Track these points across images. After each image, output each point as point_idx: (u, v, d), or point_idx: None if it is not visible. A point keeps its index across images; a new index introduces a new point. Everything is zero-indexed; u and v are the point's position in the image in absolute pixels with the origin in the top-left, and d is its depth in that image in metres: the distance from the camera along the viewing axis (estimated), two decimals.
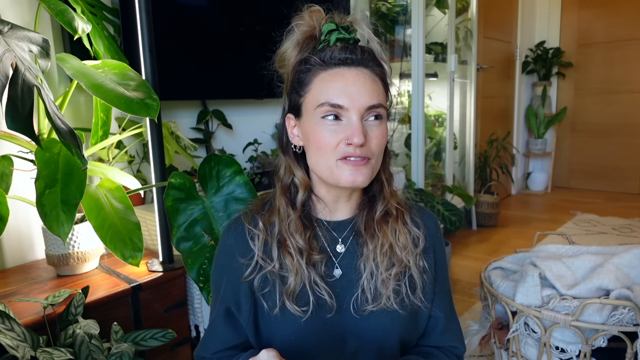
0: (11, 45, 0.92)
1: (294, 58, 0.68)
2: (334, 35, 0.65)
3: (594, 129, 4.31)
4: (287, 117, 0.71)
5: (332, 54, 0.65)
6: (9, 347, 0.86)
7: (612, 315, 1.18)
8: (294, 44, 0.68)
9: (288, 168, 0.72)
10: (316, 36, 0.67)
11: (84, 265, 1.22)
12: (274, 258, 0.69)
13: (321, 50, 0.66)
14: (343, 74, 0.64)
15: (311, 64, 0.66)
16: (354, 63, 0.65)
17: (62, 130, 0.90)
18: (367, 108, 0.64)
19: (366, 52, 0.66)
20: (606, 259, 1.35)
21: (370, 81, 0.65)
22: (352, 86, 0.63)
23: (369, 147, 0.64)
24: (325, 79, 0.65)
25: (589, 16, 4.19)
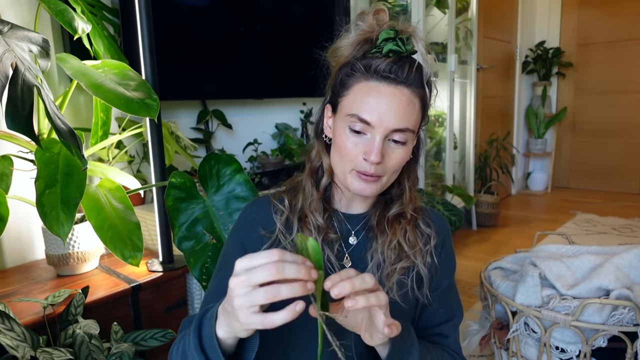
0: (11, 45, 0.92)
1: (344, 57, 0.68)
2: (388, 45, 0.64)
3: (594, 129, 4.31)
4: (327, 107, 0.73)
5: (378, 66, 0.64)
6: (9, 347, 0.86)
7: (612, 315, 1.18)
8: (349, 43, 0.68)
9: (318, 153, 0.74)
10: (372, 39, 0.66)
11: (84, 266, 1.22)
12: (293, 232, 0.71)
13: (371, 57, 0.65)
14: (381, 90, 0.63)
15: (356, 69, 0.65)
16: (395, 81, 0.63)
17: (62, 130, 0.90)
18: (392, 130, 0.64)
19: (413, 72, 0.64)
20: (606, 259, 1.35)
21: (406, 103, 0.64)
22: (385, 105, 0.63)
23: (384, 165, 0.66)
24: (364, 90, 0.65)
25: (589, 16, 4.19)
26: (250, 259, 0.47)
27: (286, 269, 0.45)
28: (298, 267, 0.45)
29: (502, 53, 3.93)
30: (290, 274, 0.45)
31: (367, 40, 0.66)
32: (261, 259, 0.46)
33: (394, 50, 0.63)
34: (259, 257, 0.46)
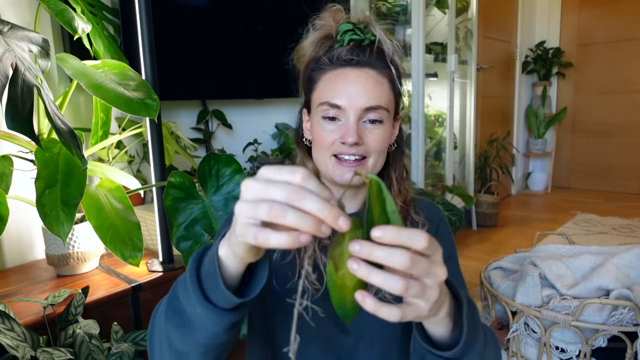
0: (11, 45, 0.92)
1: (308, 56, 0.70)
2: (347, 36, 0.66)
3: (594, 129, 4.31)
4: (303, 112, 0.74)
5: (340, 54, 0.65)
6: (9, 347, 0.86)
7: (612, 315, 1.18)
8: (310, 42, 0.69)
9: (302, 159, 0.74)
10: (333, 36, 0.68)
11: (84, 265, 1.22)
12: None
13: (333, 50, 0.66)
14: (346, 75, 0.65)
15: (321, 63, 0.67)
16: (359, 64, 0.65)
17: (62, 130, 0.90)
18: (364, 109, 0.64)
19: (375, 54, 0.66)
20: (606, 259, 1.35)
21: (373, 82, 0.65)
22: (353, 87, 0.64)
23: (365, 146, 0.66)
24: (330, 78, 0.66)
25: (588, 16, 4.19)
26: (278, 171, 0.39)
27: (307, 200, 0.37)
28: (322, 204, 0.37)
29: (502, 53, 3.93)
30: (310, 208, 0.37)
31: (328, 36, 0.68)
32: (285, 175, 0.39)
33: (354, 39, 0.65)
34: (283, 172, 0.39)
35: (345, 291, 0.41)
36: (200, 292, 0.48)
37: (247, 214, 0.39)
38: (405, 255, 0.37)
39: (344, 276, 0.40)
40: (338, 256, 0.41)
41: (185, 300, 0.49)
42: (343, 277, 0.40)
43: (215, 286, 0.47)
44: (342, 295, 0.41)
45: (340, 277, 0.40)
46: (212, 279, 0.47)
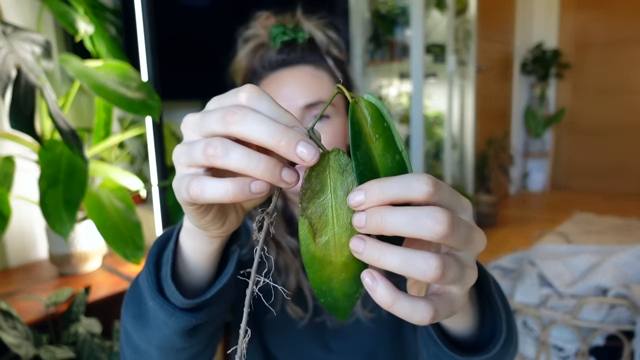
0: (14, 46, 0.93)
1: (244, 68, 0.67)
2: (279, 39, 0.63)
3: (592, 130, 4.33)
4: None
5: (271, 58, 0.63)
6: (12, 345, 0.87)
7: (610, 313, 1.19)
8: (245, 54, 0.67)
9: None
10: (265, 43, 0.65)
11: (87, 265, 1.23)
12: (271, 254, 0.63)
13: (265, 56, 0.64)
14: (280, 77, 0.62)
15: (257, 71, 0.64)
16: (292, 62, 0.62)
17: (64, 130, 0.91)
18: (304, 107, 0.60)
19: (308, 48, 0.63)
20: (604, 258, 1.36)
21: (309, 78, 0.61)
22: (287, 87, 0.60)
23: None
24: (266, 85, 0.63)
25: (586, 17, 4.20)
26: (223, 95, 0.29)
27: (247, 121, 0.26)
28: (270, 125, 0.26)
29: (501, 54, 3.94)
30: (252, 132, 0.26)
31: (261, 44, 0.65)
32: (229, 98, 0.29)
33: (285, 40, 0.63)
34: (228, 95, 0.29)
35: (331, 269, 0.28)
36: (154, 281, 0.39)
37: (184, 160, 0.29)
38: (444, 216, 0.25)
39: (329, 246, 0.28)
40: (317, 213, 0.28)
41: (143, 287, 0.41)
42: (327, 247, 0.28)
43: (167, 276, 0.38)
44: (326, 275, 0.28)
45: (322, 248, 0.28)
46: (166, 266, 0.39)
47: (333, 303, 0.30)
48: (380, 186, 0.26)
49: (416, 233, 0.25)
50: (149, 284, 0.39)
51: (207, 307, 0.40)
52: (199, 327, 0.40)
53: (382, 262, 0.26)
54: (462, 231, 0.26)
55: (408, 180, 0.26)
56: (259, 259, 0.29)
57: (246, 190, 0.27)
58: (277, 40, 0.63)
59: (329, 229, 0.28)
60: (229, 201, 0.28)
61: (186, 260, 0.40)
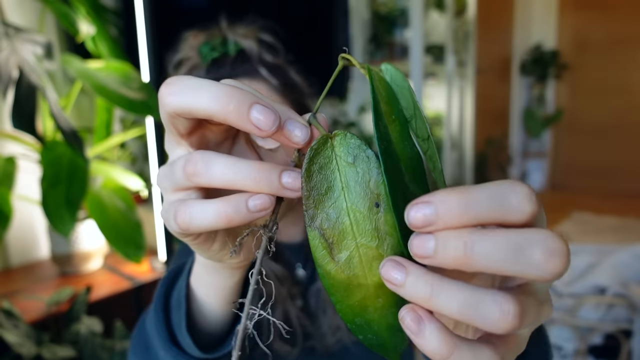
0: (16, 47, 0.93)
1: None
2: (209, 57, 0.58)
3: (590, 130, 4.34)
4: None
5: None
6: (14, 344, 0.87)
7: (608, 313, 1.20)
8: None
9: None
10: (198, 64, 0.59)
11: (88, 264, 1.23)
12: None
13: None
14: None
15: None
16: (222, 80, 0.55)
17: (66, 130, 0.92)
18: None
19: (237, 61, 0.57)
20: (602, 257, 1.37)
21: None
22: None
23: None
24: None
25: (585, 18, 4.21)
26: None
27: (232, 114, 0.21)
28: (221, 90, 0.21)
29: (500, 55, 3.95)
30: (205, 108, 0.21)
31: (194, 67, 0.60)
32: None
33: (215, 57, 0.58)
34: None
35: (362, 294, 0.21)
36: (164, 329, 0.34)
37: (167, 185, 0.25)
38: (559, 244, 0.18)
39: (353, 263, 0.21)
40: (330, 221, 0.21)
41: (150, 332, 0.36)
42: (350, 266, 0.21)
43: (180, 324, 0.33)
44: (357, 303, 0.22)
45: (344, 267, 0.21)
46: (178, 312, 0.34)
47: (376, 340, 0.22)
48: (460, 200, 0.18)
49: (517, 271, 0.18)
50: (159, 332, 0.34)
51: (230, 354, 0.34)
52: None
53: (434, 303, 0.18)
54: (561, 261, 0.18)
55: (501, 192, 0.19)
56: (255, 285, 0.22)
57: (242, 210, 0.22)
58: (207, 59, 0.58)
59: (349, 241, 0.21)
60: (224, 226, 0.22)
61: (200, 300, 0.34)
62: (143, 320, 0.40)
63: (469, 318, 0.18)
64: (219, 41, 0.59)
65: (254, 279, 0.22)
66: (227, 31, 0.60)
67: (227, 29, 0.61)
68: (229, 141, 0.27)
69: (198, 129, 0.24)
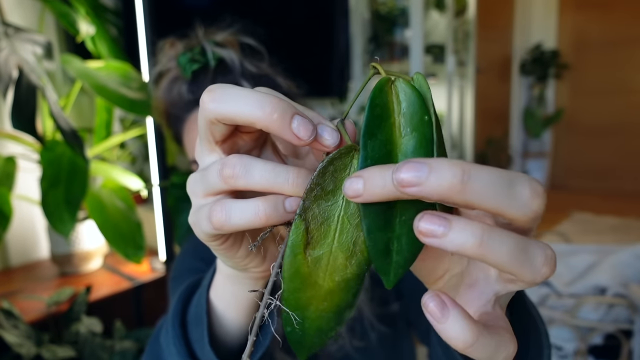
0: (16, 47, 0.93)
1: (164, 110, 0.58)
2: (189, 68, 0.54)
3: (591, 130, 4.34)
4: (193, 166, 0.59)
5: (182, 96, 0.54)
6: (14, 344, 0.87)
7: (608, 313, 1.20)
8: (162, 94, 0.57)
9: None
10: (179, 76, 0.56)
11: (88, 264, 1.23)
12: None
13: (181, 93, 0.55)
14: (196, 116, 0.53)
15: (178, 112, 0.56)
16: None
17: (66, 130, 0.92)
18: None
19: (219, 71, 0.54)
20: (602, 257, 1.37)
21: None
22: None
23: None
24: (187, 129, 0.55)
25: (585, 18, 4.21)
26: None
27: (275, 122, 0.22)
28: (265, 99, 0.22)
29: (500, 55, 3.95)
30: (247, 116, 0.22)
31: (176, 78, 0.56)
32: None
33: (195, 69, 0.54)
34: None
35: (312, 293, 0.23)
36: (183, 346, 0.34)
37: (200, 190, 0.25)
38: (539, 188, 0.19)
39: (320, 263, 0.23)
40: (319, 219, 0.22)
41: (166, 348, 0.35)
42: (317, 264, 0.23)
43: (201, 340, 0.33)
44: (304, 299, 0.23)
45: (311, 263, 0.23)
46: (198, 328, 0.33)
47: (300, 337, 0.24)
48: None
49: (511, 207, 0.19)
50: (177, 350, 0.33)
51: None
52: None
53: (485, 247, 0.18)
54: None
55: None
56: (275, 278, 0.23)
57: (280, 210, 0.23)
58: (187, 71, 0.54)
59: (326, 243, 0.22)
60: (261, 225, 0.23)
61: (221, 313, 0.33)
62: (156, 335, 0.39)
63: (516, 263, 0.18)
64: (198, 51, 0.55)
65: (274, 271, 0.23)
66: (203, 39, 0.57)
67: (203, 37, 0.57)
68: (257, 149, 0.28)
69: (232, 136, 0.25)
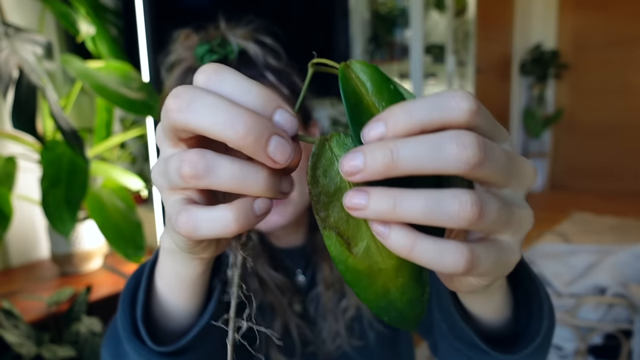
0: (16, 47, 0.93)
1: None
2: (206, 59, 0.54)
3: (590, 130, 4.34)
4: None
5: None
6: (14, 344, 0.87)
7: (608, 313, 1.20)
8: (172, 85, 0.56)
9: None
10: (194, 66, 0.55)
11: (88, 264, 1.23)
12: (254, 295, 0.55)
13: None
14: None
15: None
16: None
17: (66, 130, 0.92)
18: None
19: (240, 64, 0.54)
20: (602, 257, 1.37)
21: None
22: None
23: None
24: None
25: (585, 18, 4.21)
26: None
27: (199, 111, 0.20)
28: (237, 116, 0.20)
29: (500, 55, 3.96)
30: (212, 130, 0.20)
31: (189, 69, 0.55)
32: None
33: (214, 60, 0.53)
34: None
35: (383, 279, 0.23)
36: (129, 321, 0.33)
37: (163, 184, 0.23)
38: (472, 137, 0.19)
39: (371, 252, 0.22)
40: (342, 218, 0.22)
41: (119, 326, 0.35)
42: (369, 255, 0.22)
43: (139, 316, 0.33)
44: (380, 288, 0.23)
45: (363, 258, 0.22)
46: (139, 305, 0.33)
47: (399, 317, 0.24)
48: (405, 110, 0.20)
49: (438, 166, 0.19)
50: (122, 325, 0.34)
51: (192, 351, 0.34)
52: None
53: (400, 210, 0.19)
54: (499, 158, 0.20)
55: (441, 98, 0.20)
56: (238, 299, 0.23)
57: (251, 216, 0.21)
58: (204, 61, 0.54)
59: (363, 232, 0.22)
60: (233, 234, 0.22)
61: (163, 291, 0.33)
62: (116, 316, 0.40)
63: (432, 217, 0.19)
64: (218, 42, 0.55)
65: (235, 294, 0.23)
66: (226, 31, 0.57)
67: (226, 29, 0.57)
68: None
69: None
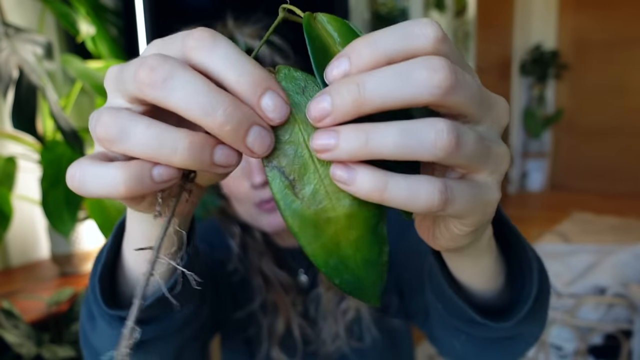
0: (16, 47, 0.93)
1: None
2: None
3: (590, 130, 4.34)
4: None
5: None
6: (14, 344, 0.87)
7: (608, 313, 1.20)
8: None
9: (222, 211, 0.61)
10: None
11: (88, 264, 1.23)
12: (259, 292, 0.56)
13: None
14: None
15: None
16: None
17: (66, 130, 0.92)
18: None
19: None
20: (602, 257, 1.37)
21: None
22: None
23: None
24: None
25: (585, 18, 4.21)
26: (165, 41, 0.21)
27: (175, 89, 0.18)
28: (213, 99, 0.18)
29: (500, 55, 3.96)
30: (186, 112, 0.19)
31: None
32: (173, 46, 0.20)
33: None
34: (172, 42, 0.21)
35: (333, 229, 0.20)
36: (96, 283, 0.32)
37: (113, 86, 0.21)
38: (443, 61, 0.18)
39: (319, 195, 0.20)
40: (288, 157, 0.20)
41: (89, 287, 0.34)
42: (316, 199, 0.20)
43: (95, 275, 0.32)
44: (329, 240, 0.20)
45: (309, 202, 0.20)
46: (99, 263, 0.32)
47: (354, 282, 0.21)
48: (368, 42, 0.19)
49: (409, 95, 0.18)
50: (90, 285, 0.33)
51: (156, 322, 0.32)
52: (147, 343, 0.33)
53: (372, 145, 0.18)
54: (471, 85, 0.19)
55: (405, 26, 0.19)
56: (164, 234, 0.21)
57: (146, 181, 0.19)
58: None
59: (311, 174, 0.20)
60: (121, 197, 0.20)
61: (131, 259, 0.32)
62: None
63: (407, 150, 0.18)
64: None
65: (163, 227, 0.21)
66: (234, 30, 0.56)
67: (234, 28, 0.56)
68: None
69: None
